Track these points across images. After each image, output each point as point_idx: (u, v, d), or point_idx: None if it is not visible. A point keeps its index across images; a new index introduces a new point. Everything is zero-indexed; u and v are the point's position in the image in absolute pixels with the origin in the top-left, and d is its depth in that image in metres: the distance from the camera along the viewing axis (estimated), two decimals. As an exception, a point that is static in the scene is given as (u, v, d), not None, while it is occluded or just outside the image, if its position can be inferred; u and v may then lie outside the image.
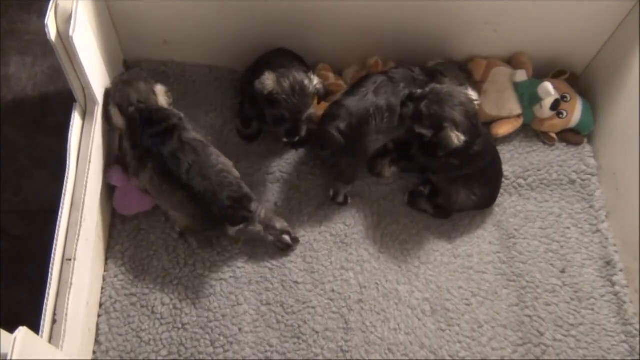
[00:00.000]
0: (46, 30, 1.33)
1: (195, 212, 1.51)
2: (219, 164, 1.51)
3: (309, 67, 1.79)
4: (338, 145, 1.56)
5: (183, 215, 1.55)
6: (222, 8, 1.68)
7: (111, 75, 1.68)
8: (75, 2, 1.38)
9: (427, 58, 1.76)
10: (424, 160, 1.64)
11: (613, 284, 1.67)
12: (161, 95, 1.58)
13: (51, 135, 1.87)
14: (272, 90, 1.54)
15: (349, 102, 1.58)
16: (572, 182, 1.81)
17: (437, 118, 1.49)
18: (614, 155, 1.78)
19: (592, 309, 1.64)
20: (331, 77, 1.81)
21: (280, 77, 1.55)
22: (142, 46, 1.82)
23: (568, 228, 1.75)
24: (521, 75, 1.82)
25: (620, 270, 1.69)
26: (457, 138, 1.49)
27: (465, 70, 1.73)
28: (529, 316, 1.61)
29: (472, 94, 1.55)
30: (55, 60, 1.45)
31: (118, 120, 1.54)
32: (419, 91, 1.54)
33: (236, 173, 1.54)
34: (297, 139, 1.62)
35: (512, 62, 1.89)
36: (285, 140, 1.64)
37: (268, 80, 1.55)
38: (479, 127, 1.57)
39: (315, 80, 1.59)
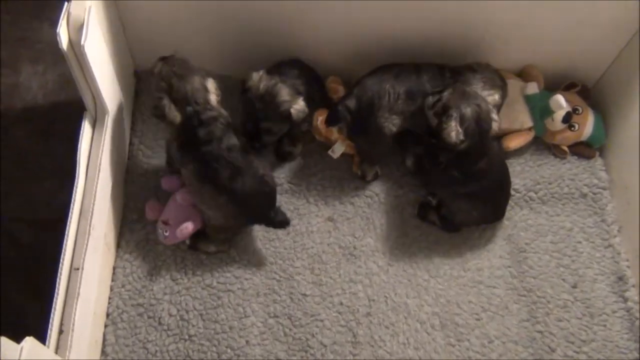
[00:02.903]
0: (58, 38, 1.34)
1: (234, 213, 1.52)
2: (260, 168, 1.53)
3: (322, 83, 1.80)
4: (344, 122, 1.59)
5: (219, 215, 1.54)
6: (233, 19, 1.69)
7: (122, 85, 1.68)
8: (87, 11, 1.38)
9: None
10: (428, 166, 1.64)
11: (625, 300, 1.65)
12: (212, 93, 1.51)
13: (61, 143, 1.88)
14: (249, 86, 1.56)
15: (365, 81, 1.61)
16: (584, 195, 1.79)
17: (449, 106, 1.51)
18: (626, 169, 1.76)
19: (604, 325, 1.61)
20: (341, 90, 1.80)
21: (263, 81, 1.56)
22: (153, 56, 1.80)
23: (579, 242, 1.72)
24: (532, 88, 1.81)
25: (633, 286, 1.66)
26: (456, 133, 1.49)
27: (502, 77, 1.71)
28: (540, 332, 1.59)
29: (495, 115, 1.55)
30: (66, 68, 1.45)
31: (174, 115, 1.46)
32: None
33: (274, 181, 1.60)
34: (257, 145, 1.63)
35: (523, 75, 1.88)
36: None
37: (254, 75, 1.57)
38: (487, 144, 1.55)
39: (298, 105, 1.57)
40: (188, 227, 1.56)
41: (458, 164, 1.55)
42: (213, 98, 1.50)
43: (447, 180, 1.60)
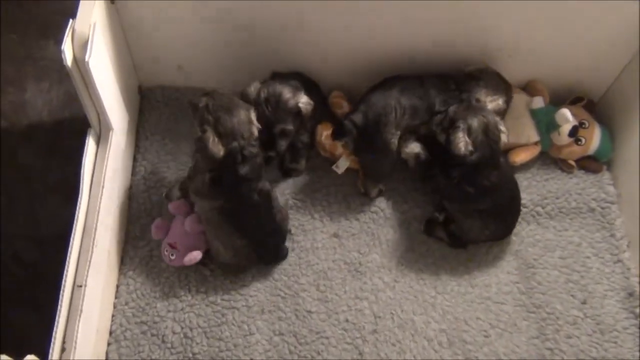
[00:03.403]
0: (62, 55, 1.34)
1: (242, 251, 1.53)
2: (279, 212, 1.56)
3: (325, 98, 1.81)
4: (351, 136, 1.58)
5: (228, 251, 1.54)
6: (236, 34, 1.69)
7: (126, 101, 1.68)
8: (91, 28, 1.38)
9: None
10: (441, 181, 1.62)
11: (636, 316, 1.62)
12: (255, 124, 1.47)
13: (65, 160, 1.88)
14: (251, 100, 1.57)
15: (371, 96, 1.60)
16: (592, 210, 1.77)
17: (455, 119, 1.52)
18: (634, 183, 1.74)
19: (615, 342, 1.59)
20: (345, 104, 1.80)
21: (263, 88, 1.57)
22: (157, 72, 1.83)
23: (588, 258, 1.70)
24: (538, 102, 1.80)
25: (643, 302, 1.64)
26: (464, 144, 1.50)
27: (504, 80, 1.71)
28: (550, 349, 1.56)
29: (502, 127, 1.54)
30: (71, 86, 1.45)
31: (218, 149, 1.40)
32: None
33: (287, 223, 1.64)
34: (273, 154, 1.63)
35: (528, 89, 1.87)
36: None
37: (250, 89, 1.58)
38: (497, 157, 1.55)
39: (303, 99, 1.59)
40: (197, 257, 1.55)
41: (471, 179, 1.54)
42: (255, 130, 1.46)
43: (461, 195, 1.59)
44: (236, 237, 1.50)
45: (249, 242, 1.52)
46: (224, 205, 1.47)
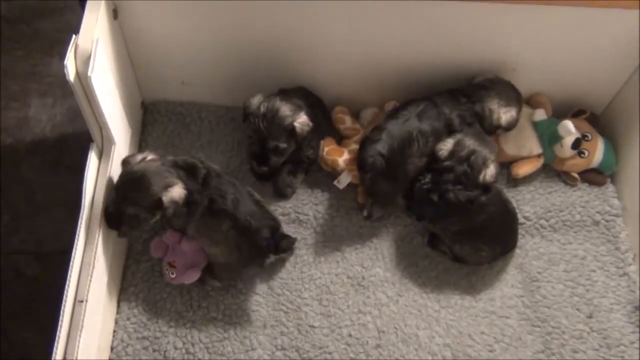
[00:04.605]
0: (65, 70, 1.35)
1: (239, 243, 1.50)
2: (254, 194, 1.54)
3: (328, 113, 1.81)
4: (378, 169, 1.54)
5: (225, 249, 1.52)
6: (240, 50, 1.70)
7: (129, 116, 1.68)
8: (94, 43, 1.39)
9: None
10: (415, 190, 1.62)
11: (643, 330, 1.60)
12: (150, 157, 1.48)
13: (68, 175, 1.89)
14: (251, 111, 1.59)
15: (391, 126, 1.57)
16: (596, 223, 1.75)
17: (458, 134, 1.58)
18: (638, 196, 1.73)
19: (622, 357, 1.56)
20: (347, 120, 1.80)
21: (264, 102, 1.59)
22: (160, 87, 1.84)
23: (593, 271, 1.68)
24: (540, 114, 1.80)
25: (650, 316, 1.62)
26: (445, 149, 1.55)
27: (516, 89, 1.71)
28: (556, 364, 1.54)
29: (490, 171, 1.54)
30: (75, 101, 1.45)
31: (177, 197, 1.41)
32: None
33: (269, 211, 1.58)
34: (265, 169, 1.64)
35: (530, 102, 1.87)
36: (256, 168, 1.67)
37: (254, 100, 1.60)
38: (471, 181, 1.54)
39: (301, 119, 1.59)
40: (195, 276, 1.56)
41: (436, 185, 1.55)
42: (152, 159, 1.48)
43: (429, 208, 1.58)
44: (221, 224, 1.47)
45: (234, 224, 1.47)
46: (205, 209, 1.47)
